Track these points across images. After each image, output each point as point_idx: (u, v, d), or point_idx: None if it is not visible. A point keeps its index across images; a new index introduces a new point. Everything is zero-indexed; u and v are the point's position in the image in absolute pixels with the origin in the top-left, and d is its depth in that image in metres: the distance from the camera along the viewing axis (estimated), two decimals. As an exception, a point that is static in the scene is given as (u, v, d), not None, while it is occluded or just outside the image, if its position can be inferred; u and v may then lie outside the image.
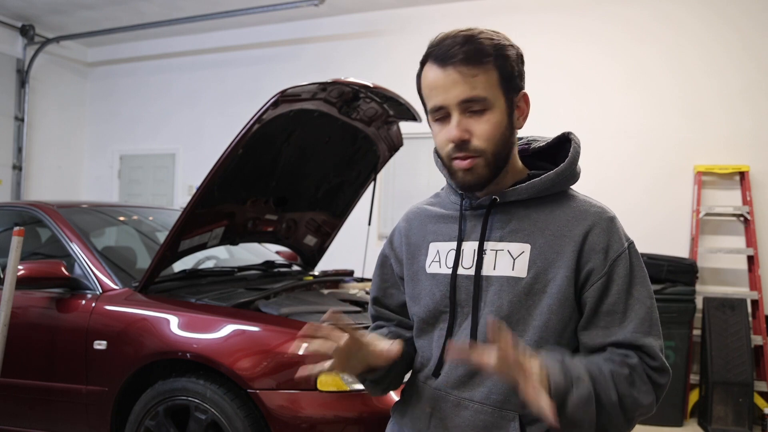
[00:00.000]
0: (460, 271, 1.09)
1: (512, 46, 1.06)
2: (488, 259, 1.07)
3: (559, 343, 1.04)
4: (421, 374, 1.15)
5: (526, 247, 1.05)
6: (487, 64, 1.02)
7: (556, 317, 1.03)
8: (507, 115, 1.05)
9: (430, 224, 1.18)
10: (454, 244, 1.11)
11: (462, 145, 1.03)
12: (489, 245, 1.08)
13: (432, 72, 1.04)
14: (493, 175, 1.06)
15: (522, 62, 1.08)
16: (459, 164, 1.05)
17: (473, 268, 1.08)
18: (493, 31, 1.06)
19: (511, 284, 1.04)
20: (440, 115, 1.05)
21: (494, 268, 1.06)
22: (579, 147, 1.12)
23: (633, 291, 1.04)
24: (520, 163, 1.14)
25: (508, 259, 1.05)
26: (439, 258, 1.13)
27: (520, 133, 1.15)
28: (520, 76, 1.07)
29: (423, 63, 1.08)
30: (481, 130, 1.02)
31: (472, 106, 1.02)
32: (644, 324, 1.02)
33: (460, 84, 1.01)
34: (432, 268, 1.13)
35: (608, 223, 1.06)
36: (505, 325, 0.99)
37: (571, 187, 1.14)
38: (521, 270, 1.04)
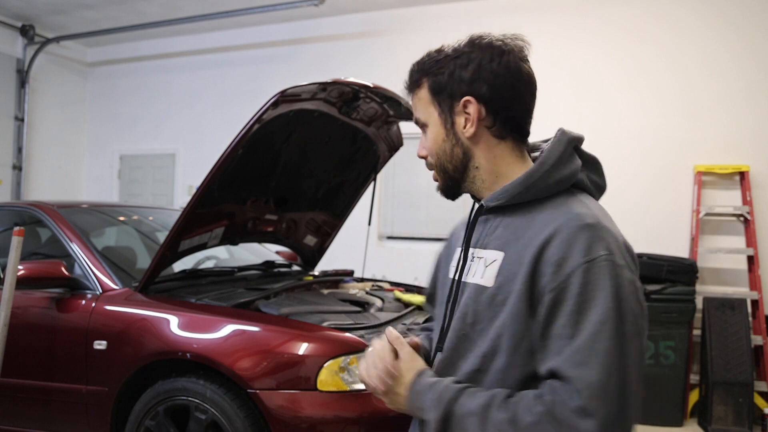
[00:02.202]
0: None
1: (467, 53, 1.03)
2: (474, 265, 1.06)
3: (510, 362, 0.96)
4: None
5: (500, 255, 1.01)
6: (421, 85, 1.09)
7: (508, 333, 0.96)
8: (443, 127, 1.07)
9: (460, 229, 1.20)
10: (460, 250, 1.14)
11: (425, 161, 1.13)
12: (476, 252, 1.07)
13: None
14: (454, 184, 1.11)
15: (479, 68, 1.01)
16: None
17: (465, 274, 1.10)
18: (463, 44, 1.04)
19: (478, 293, 1.02)
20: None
21: (473, 275, 1.05)
22: (561, 145, 1.04)
23: (586, 314, 0.89)
24: (518, 168, 1.06)
25: (482, 267, 1.04)
26: (453, 263, 1.15)
27: (529, 139, 1.10)
28: (462, 81, 1.02)
29: None
30: (428, 146, 1.11)
31: (421, 127, 1.12)
32: (580, 353, 0.87)
33: (413, 107, 1.13)
34: (450, 272, 1.15)
35: (575, 231, 0.93)
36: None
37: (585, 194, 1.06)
38: (489, 279, 1.01)
